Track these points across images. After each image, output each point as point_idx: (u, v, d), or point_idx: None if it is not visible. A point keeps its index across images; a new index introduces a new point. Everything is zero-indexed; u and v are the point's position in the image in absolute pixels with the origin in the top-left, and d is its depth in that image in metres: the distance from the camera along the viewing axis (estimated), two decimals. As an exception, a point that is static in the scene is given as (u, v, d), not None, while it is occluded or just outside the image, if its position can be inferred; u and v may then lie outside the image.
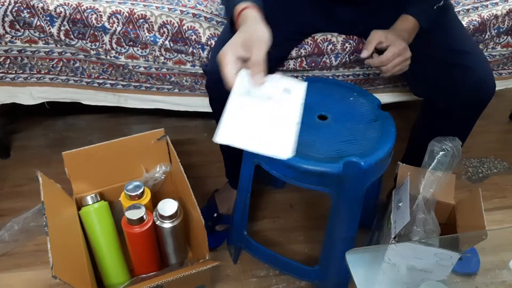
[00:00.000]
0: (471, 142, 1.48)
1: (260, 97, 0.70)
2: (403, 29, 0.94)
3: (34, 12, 1.04)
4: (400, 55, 0.90)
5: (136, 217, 0.91)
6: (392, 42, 0.90)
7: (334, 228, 0.92)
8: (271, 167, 0.86)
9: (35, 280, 1.08)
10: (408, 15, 0.94)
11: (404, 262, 0.82)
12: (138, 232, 0.93)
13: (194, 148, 1.47)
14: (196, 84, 1.18)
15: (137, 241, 0.95)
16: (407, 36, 0.93)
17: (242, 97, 0.70)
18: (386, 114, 0.93)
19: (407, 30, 0.94)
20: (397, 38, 0.90)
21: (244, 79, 0.70)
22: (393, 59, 0.89)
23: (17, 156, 1.40)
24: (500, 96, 1.71)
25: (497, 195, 1.37)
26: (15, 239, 1.15)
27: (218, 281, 1.10)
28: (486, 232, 0.83)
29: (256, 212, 1.27)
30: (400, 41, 0.90)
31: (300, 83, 0.76)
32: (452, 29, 0.99)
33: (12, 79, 1.17)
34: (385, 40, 0.90)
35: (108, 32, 1.07)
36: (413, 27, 0.94)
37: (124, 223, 0.93)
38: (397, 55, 0.90)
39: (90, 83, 1.20)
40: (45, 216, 0.84)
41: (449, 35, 0.97)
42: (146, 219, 0.93)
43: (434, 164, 0.92)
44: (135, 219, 0.91)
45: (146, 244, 0.97)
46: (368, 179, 0.85)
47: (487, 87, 0.94)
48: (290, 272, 1.06)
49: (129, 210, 0.92)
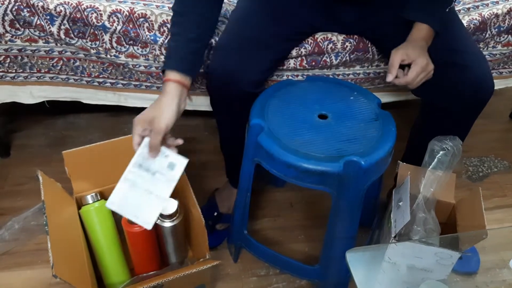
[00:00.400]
0: (472, 141, 1.49)
1: (148, 171, 0.88)
2: (421, 38, 0.93)
3: (34, 11, 1.04)
4: (424, 71, 0.89)
5: None
6: (414, 59, 0.88)
7: (335, 227, 0.92)
8: (272, 166, 0.86)
9: (35, 279, 1.08)
10: (422, 24, 0.93)
11: (404, 261, 0.82)
12: (138, 231, 0.93)
13: (194, 146, 1.47)
14: (196, 83, 1.18)
15: (137, 240, 0.95)
16: (426, 44, 0.93)
17: (135, 168, 0.87)
18: (386, 114, 0.93)
19: (425, 38, 0.93)
20: (418, 54, 0.89)
21: (144, 150, 0.87)
22: (417, 77, 0.89)
23: (17, 155, 1.40)
24: (501, 95, 1.71)
25: (497, 194, 1.37)
26: (15, 238, 1.15)
27: (218, 280, 1.10)
28: (486, 231, 0.83)
29: (256, 211, 1.27)
30: (422, 58, 0.88)
31: (182, 159, 0.90)
32: (451, 29, 0.99)
33: (12, 78, 1.17)
34: (407, 58, 0.89)
35: (108, 31, 1.07)
36: (429, 34, 0.93)
37: (124, 222, 0.93)
38: (421, 72, 0.89)
39: (90, 82, 1.20)
40: (45, 215, 0.84)
41: (448, 35, 0.97)
42: None
43: (434, 163, 0.93)
44: None
45: (146, 243, 0.97)
46: (368, 179, 0.85)
47: (486, 86, 0.94)
48: (290, 271, 1.06)
49: None
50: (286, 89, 0.99)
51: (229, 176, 1.21)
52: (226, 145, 1.13)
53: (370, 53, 1.12)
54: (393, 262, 0.82)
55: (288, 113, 0.92)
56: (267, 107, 0.93)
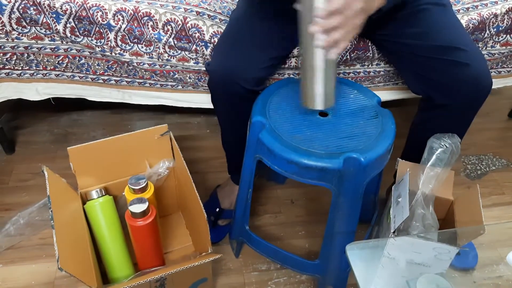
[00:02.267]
0: (470, 140, 1.50)
1: None
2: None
3: (41, 9, 1.06)
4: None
5: (139, 211, 0.93)
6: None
7: (335, 223, 0.93)
8: (273, 162, 0.88)
9: (40, 273, 1.09)
10: None
11: (403, 256, 0.83)
12: (141, 225, 0.94)
13: (196, 144, 1.49)
14: (199, 81, 1.19)
15: (140, 234, 0.97)
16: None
17: None
18: (386, 111, 0.95)
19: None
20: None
21: None
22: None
23: (22, 151, 1.42)
24: (499, 94, 1.73)
25: (495, 191, 1.38)
26: (20, 233, 1.17)
27: (220, 274, 1.12)
28: (483, 226, 0.84)
29: (257, 207, 1.29)
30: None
31: None
32: (449, 26, 1.00)
33: (19, 75, 1.19)
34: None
35: (113, 29, 1.08)
36: None
37: (128, 216, 0.95)
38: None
39: (95, 80, 1.22)
40: (50, 210, 0.85)
41: (446, 32, 0.98)
42: (149, 212, 0.95)
43: (433, 161, 0.94)
44: (138, 212, 0.93)
45: (150, 238, 0.99)
46: (368, 175, 0.87)
47: (485, 83, 0.95)
48: (291, 266, 1.07)
49: (132, 204, 0.94)
50: (287, 87, 1.00)
51: (231, 173, 1.23)
52: (228, 142, 1.15)
53: (370, 52, 1.14)
54: (392, 257, 0.83)
55: (289, 110, 0.94)
56: (269, 105, 0.94)
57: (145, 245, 1.00)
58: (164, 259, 1.07)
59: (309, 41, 0.78)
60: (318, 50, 0.78)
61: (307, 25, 0.76)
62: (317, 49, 0.78)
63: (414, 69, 1.01)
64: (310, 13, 0.74)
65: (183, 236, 1.18)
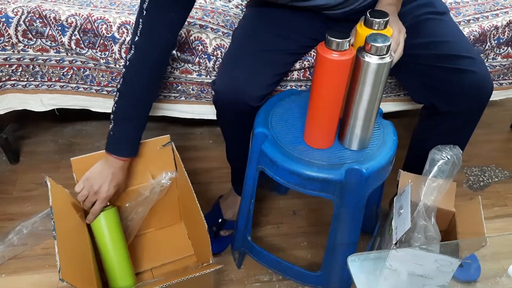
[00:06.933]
0: (473, 151, 1.50)
1: None
2: (388, 3, 0.93)
3: (46, 22, 1.07)
4: (398, 38, 0.89)
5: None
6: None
7: (337, 234, 0.93)
8: (275, 173, 0.88)
9: (43, 283, 1.10)
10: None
11: (405, 268, 0.83)
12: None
13: (199, 154, 1.49)
14: (202, 93, 1.20)
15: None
16: (395, 9, 0.94)
17: None
18: (387, 123, 0.95)
19: (393, 2, 0.94)
20: (390, 22, 0.87)
21: None
22: (397, 45, 0.89)
23: (26, 161, 1.43)
24: (501, 105, 1.73)
25: (498, 203, 1.38)
26: (23, 242, 1.17)
27: (222, 285, 1.12)
28: (485, 238, 0.84)
29: (260, 218, 1.29)
30: (394, 26, 0.89)
31: None
32: (452, 34, 1.00)
33: (24, 86, 1.20)
34: None
35: (118, 41, 1.10)
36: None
37: (323, 48, 0.77)
38: (398, 39, 0.88)
39: (99, 91, 1.23)
40: (53, 220, 0.85)
41: (450, 41, 0.98)
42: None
43: (434, 172, 0.94)
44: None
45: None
46: (369, 186, 0.87)
47: (488, 88, 0.96)
48: (293, 277, 1.07)
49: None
50: (289, 99, 1.01)
51: (234, 184, 1.23)
52: (233, 155, 1.15)
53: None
54: (394, 269, 0.83)
55: (292, 121, 0.94)
56: (271, 116, 0.95)
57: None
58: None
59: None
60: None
61: None
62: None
63: (418, 79, 1.02)
64: None
65: (185, 246, 1.18)
